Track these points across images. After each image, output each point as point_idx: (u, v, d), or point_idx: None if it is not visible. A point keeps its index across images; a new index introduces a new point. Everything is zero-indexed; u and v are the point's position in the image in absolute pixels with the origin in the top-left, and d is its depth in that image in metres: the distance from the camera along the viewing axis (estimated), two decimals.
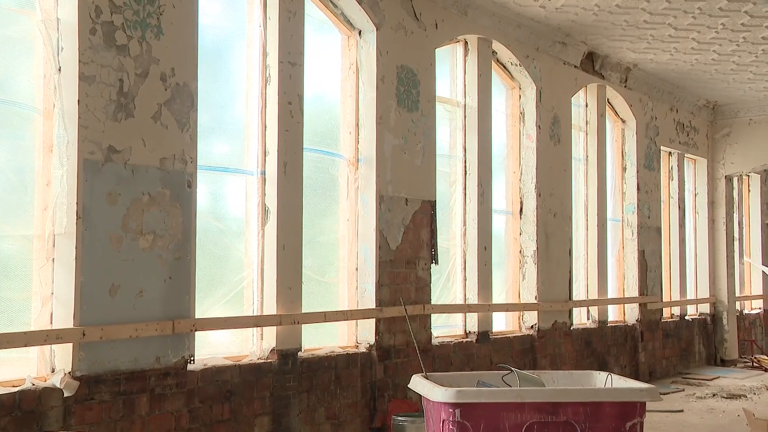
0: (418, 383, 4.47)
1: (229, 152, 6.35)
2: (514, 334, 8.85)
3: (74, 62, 4.84)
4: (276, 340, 6.05)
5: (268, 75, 6.24)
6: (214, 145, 6.18)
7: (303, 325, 6.31)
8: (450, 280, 8.21)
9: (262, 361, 5.99)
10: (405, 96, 7.35)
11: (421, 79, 7.52)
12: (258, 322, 6.03)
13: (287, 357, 6.10)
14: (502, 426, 4.05)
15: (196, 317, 5.52)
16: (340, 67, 7.18)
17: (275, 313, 6.06)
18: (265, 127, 6.23)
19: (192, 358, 5.44)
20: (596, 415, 4.13)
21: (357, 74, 7.14)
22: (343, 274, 7.11)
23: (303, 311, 6.30)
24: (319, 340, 6.75)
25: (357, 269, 7.03)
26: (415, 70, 7.46)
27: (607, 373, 4.87)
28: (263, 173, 6.22)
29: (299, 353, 6.23)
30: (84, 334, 4.75)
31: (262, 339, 6.09)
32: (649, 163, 11.61)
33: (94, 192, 4.90)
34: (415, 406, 6.60)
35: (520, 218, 9.16)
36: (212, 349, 5.92)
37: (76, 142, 4.83)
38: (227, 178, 6.27)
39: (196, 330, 5.50)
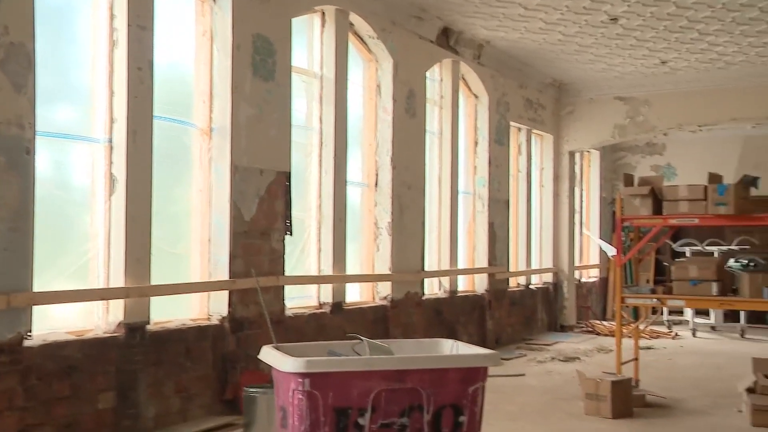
0: (268, 354, 4.48)
1: (74, 118, 6.06)
2: (368, 305, 9.01)
3: None
4: (123, 314, 5.88)
5: (115, 38, 5.98)
6: (58, 110, 5.89)
7: (152, 297, 6.15)
8: (305, 251, 8.24)
9: (108, 335, 5.81)
10: (261, 65, 7.25)
11: (278, 49, 7.44)
12: (104, 295, 5.83)
13: (135, 330, 5.94)
14: (351, 394, 4.13)
15: (34, 291, 5.25)
16: (194, 34, 6.98)
17: (123, 285, 5.88)
18: (113, 93, 5.98)
19: (29, 334, 5.19)
20: (441, 380, 4.28)
21: (211, 41, 6.97)
22: (196, 246, 6.98)
23: (152, 283, 6.15)
24: (171, 313, 6.61)
25: (210, 240, 6.93)
26: (272, 39, 7.36)
27: (453, 340, 5.05)
28: (110, 141, 5.98)
29: (147, 326, 6.07)
30: None
31: (108, 312, 5.90)
32: (499, 138, 12.06)
33: None
34: (268, 377, 6.60)
35: (376, 190, 9.29)
36: (55, 323, 5.67)
37: None
38: (72, 145, 5.98)
39: (34, 304, 5.24)
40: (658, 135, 15.87)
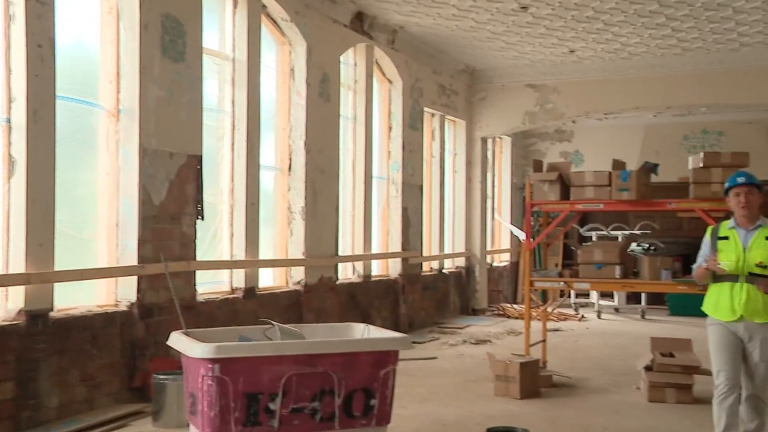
0: (177, 340, 4.41)
1: None
2: (281, 290, 8.97)
3: None
4: (24, 301, 5.67)
5: (12, 13, 5.73)
6: None
7: (56, 284, 5.96)
8: (217, 236, 8.13)
9: (7, 323, 5.58)
10: (170, 46, 7.08)
11: (188, 30, 7.28)
12: (2, 281, 5.60)
13: (36, 318, 5.73)
14: (262, 379, 4.12)
15: None
16: (99, 11, 6.75)
17: (23, 271, 5.66)
18: (10, 71, 5.73)
19: None
20: (353, 364, 4.32)
21: (117, 20, 6.76)
22: (103, 230, 6.79)
23: (56, 269, 5.95)
24: (77, 300, 6.42)
25: (118, 225, 6.75)
26: (181, 19, 7.19)
27: (365, 324, 5.09)
28: (9, 121, 5.74)
29: (51, 314, 5.88)
30: None
31: (7, 300, 5.68)
32: (413, 124, 12.15)
33: None
34: (178, 363, 6.50)
35: (289, 175, 9.23)
36: None
37: None
38: None
39: None
40: (566, 122, 16.33)
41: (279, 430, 4.16)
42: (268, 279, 9.02)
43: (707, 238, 5.38)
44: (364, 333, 4.93)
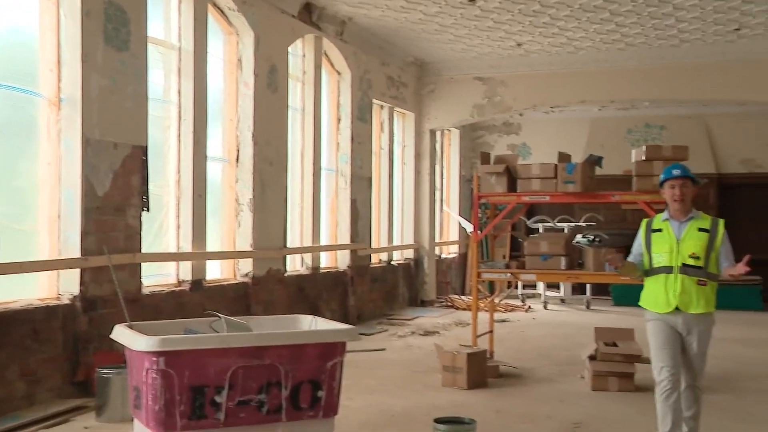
0: (121, 333, 4.34)
1: None
2: (229, 282, 8.89)
3: None
4: None
5: None
6: None
7: None
8: (163, 228, 8.01)
9: None
10: (114, 34, 6.94)
11: (132, 18, 7.14)
12: None
13: None
14: (208, 372, 4.08)
15: None
16: None
17: None
18: None
19: None
20: (299, 356, 4.30)
21: (57, 7, 6.59)
22: (44, 222, 6.63)
23: None
24: (18, 293, 6.27)
25: (59, 216, 6.60)
26: (125, 7, 7.05)
27: (312, 316, 5.08)
28: None
29: None
30: None
31: None
32: (362, 115, 12.14)
33: None
34: (122, 357, 6.40)
35: (237, 166, 9.14)
36: None
37: None
38: None
39: None
40: (514, 115, 16.49)
41: (225, 423, 4.13)
42: (215, 271, 8.93)
43: (641, 232, 5.37)
44: (312, 325, 4.92)
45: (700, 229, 5.11)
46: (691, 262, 5.05)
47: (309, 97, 10.70)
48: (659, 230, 5.22)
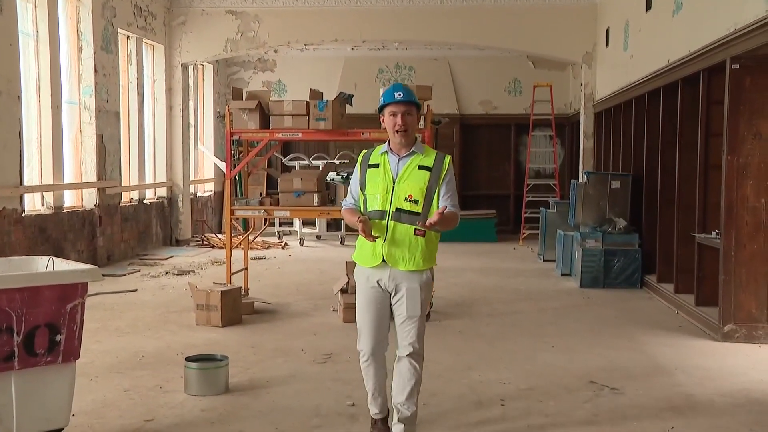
0: None
1: None
2: None
3: None
4: None
5: None
6: None
7: None
8: None
9: None
10: None
11: None
12: None
13: None
14: None
15: None
16: None
17: None
18: None
19: None
20: (35, 300, 4.02)
21: None
22: None
23: None
24: None
25: None
26: None
27: (49, 257, 4.75)
28: None
29: None
30: None
31: None
32: (106, 46, 11.38)
33: None
34: None
35: None
36: None
37: None
38: None
39: None
40: (269, 51, 16.32)
41: None
42: None
43: (357, 167, 4.37)
44: (48, 266, 4.60)
45: (421, 167, 4.18)
46: (406, 206, 4.12)
47: (43, 21, 9.79)
48: (376, 165, 4.26)
